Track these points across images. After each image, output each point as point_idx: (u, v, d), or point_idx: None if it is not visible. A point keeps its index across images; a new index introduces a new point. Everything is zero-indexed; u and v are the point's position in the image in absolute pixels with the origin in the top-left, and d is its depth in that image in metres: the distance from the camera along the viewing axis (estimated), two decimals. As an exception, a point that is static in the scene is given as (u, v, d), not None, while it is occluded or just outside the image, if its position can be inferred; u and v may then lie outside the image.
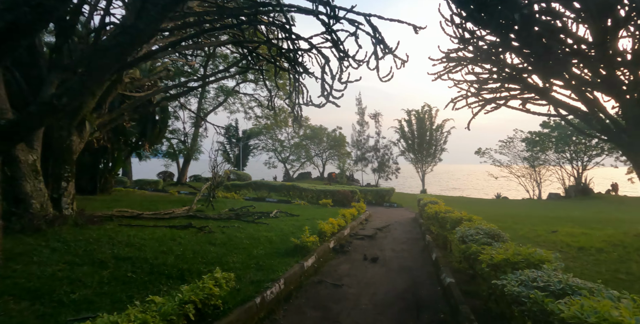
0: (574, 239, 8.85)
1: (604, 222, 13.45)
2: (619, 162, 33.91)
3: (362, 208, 13.71)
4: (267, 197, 19.40)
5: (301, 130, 47.25)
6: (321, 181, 43.29)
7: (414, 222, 12.87)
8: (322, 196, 17.93)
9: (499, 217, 13.76)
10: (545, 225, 11.87)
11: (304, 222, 10.53)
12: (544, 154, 33.38)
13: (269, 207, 14.18)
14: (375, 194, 19.91)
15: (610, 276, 5.99)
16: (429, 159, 36.09)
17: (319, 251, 6.92)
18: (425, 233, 9.58)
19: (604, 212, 18.65)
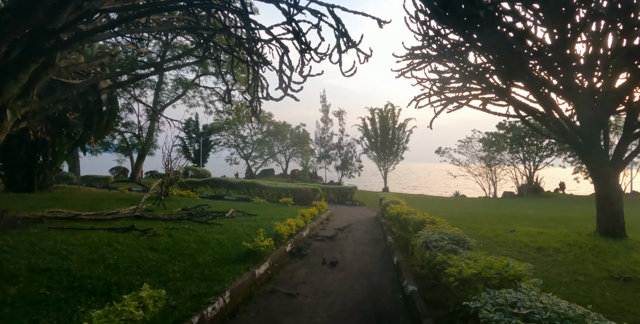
0: (532, 239, 8.87)
1: (556, 220, 13.84)
2: (566, 162, 35.82)
3: (324, 207, 13.29)
4: (225, 195, 18.55)
5: (264, 126, 46.29)
6: (284, 178, 42.63)
7: (376, 221, 12.61)
8: (283, 194, 17.35)
9: (459, 216, 13.83)
10: (503, 224, 11.99)
11: (262, 222, 9.94)
12: (500, 154, 34.61)
13: (226, 206, 13.42)
14: (337, 193, 19.60)
15: (570, 279, 5.90)
16: (391, 158, 36.39)
17: (273, 255, 6.37)
18: (386, 234, 9.28)
19: (555, 211, 19.40)
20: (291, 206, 14.78)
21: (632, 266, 6.66)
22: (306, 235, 9.10)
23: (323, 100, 41.05)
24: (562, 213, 17.67)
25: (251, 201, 15.70)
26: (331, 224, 11.39)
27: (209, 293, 4.22)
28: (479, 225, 11.35)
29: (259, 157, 46.83)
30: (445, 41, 10.17)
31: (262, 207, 13.74)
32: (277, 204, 14.93)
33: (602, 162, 9.31)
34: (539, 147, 33.86)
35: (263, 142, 46.03)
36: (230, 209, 11.95)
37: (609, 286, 5.60)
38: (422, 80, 11.33)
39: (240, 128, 45.77)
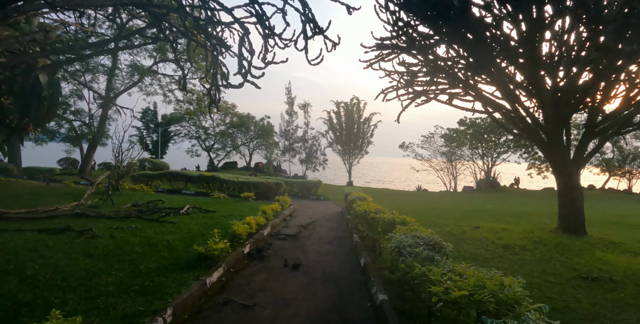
0: (497, 236, 8.75)
1: (515, 216, 14.06)
2: (521, 159, 37.28)
3: (287, 202, 12.69)
4: (183, 189, 17.48)
5: (227, 117, 44.71)
6: (247, 171, 41.46)
7: (341, 217, 12.18)
8: (245, 188, 16.55)
9: (424, 211, 13.70)
10: (467, 220, 11.94)
11: (219, 220, 9.20)
12: (460, 150, 35.41)
13: (183, 201, 12.50)
14: (301, 187, 19.04)
15: (541, 279, 5.70)
16: (356, 152, 36.28)
17: (229, 259, 5.71)
18: (352, 231, 8.84)
19: (512, 205, 19.94)
20: (253, 201, 14.06)
21: (596, 265, 6.61)
22: (267, 234, 8.47)
23: (288, 92, 40.18)
24: (520, 208, 18.14)
25: (211, 195, 14.81)
26: (295, 221, 10.81)
27: (146, 312, 3.52)
28: (445, 221, 11.21)
29: (221, 150, 45.11)
30: (415, 33, 9.78)
31: (222, 202, 12.93)
32: (238, 199, 14.16)
33: (565, 159, 9.35)
34: (496, 143, 34.95)
35: (226, 134, 44.37)
36: (186, 205, 11.07)
37: (579, 287, 5.44)
38: (390, 72, 10.93)
39: (202, 119, 43.93)
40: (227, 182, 16.73)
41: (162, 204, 11.54)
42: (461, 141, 35.44)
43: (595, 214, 15.21)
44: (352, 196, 10.51)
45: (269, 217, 9.72)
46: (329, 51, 8.97)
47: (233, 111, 44.76)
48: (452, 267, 2.86)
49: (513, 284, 2.25)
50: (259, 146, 45.52)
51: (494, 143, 34.93)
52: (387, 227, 5.47)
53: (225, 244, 5.84)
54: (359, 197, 10.13)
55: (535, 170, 38.17)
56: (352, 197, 10.37)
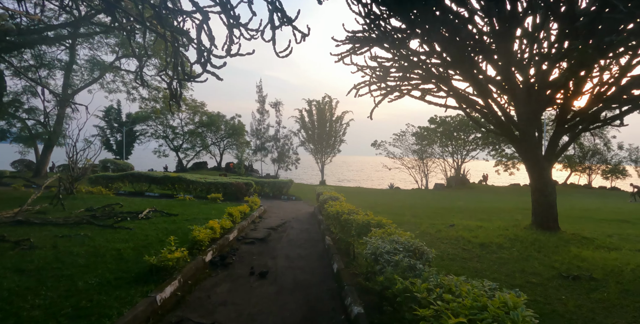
0: (473, 234, 8.52)
1: (487, 212, 14.05)
2: (489, 156, 38.11)
3: (256, 203, 12.06)
4: (147, 192, 16.47)
5: (196, 116, 43.31)
6: (218, 171, 40.27)
7: (313, 218, 11.69)
8: (213, 189, 15.76)
9: (398, 210, 13.43)
10: (441, 218, 11.74)
11: (182, 224, 8.49)
12: (431, 148, 35.78)
13: (144, 204, 11.63)
14: (273, 187, 18.41)
15: (523, 280, 5.42)
16: (328, 150, 35.92)
17: (187, 270, 5.09)
18: (325, 233, 8.36)
19: (483, 202, 20.13)
20: (221, 202, 13.32)
21: (574, 262, 6.43)
22: (234, 238, 7.86)
23: (259, 90, 39.26)
24: (490, 204, 18.29)
25: (176, 197, 13.95)
26: (264, 223, 10.22)
27: (74, 343, 2.89)
28: (419, 220, 10.95)
29: (190, 150, 43.58)
30: (388, 26, 9.41)
31: (187, 204, 12.13)
32: (205, 201, 13.38)
33: (537, 155, 9.26)
34: (465, 141, 35.55)
35: (195, 134, 42.90)
36: (146, 208, 10.25)
37: (561, 287, 5.19)
38: (362, 67, 10.53)
39: (170, 118, 42.32)
40: (194, 183, 15.88)
41: (119, 208, 10.67)
42: (432, 139, 35.80)
43: (562, 209, 15.44)
44: (324, 196, 10.03)
45: (236, 220, 9.09)
46: (298, 43, 8.46)
47: (202, 109, 43.37)
48: (440, 280, 2.42)
49: (520, 306, 1.83)
50: (230, 145, 44.36)
51: (463, 141, 35.51)
52: (361, 230, 5.01)
53: (182, 252, 5.22)
54: (331, 197, 9.66)
55: (502, 167, 39.13)
56: (324, 197, 9.89)
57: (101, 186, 15.48)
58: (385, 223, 4.94)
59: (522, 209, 15.36)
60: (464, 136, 35.37)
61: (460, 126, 34.40)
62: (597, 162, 37.48)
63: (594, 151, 36.50)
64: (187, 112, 42.68)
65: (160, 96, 31.80)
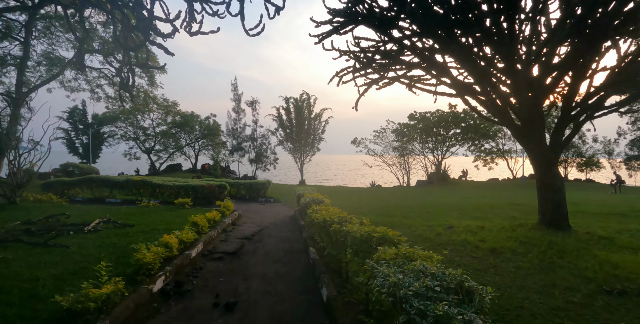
0: (477, 237, 7.35)
1: (480, 209, 13.02)
2: (468, 152, 37.68)
3: (229, 208, 10.56)
4: (108, 198, 14.64)
5: (169, 117, 41.05)
6: (193, 173, 38.20)
7: (293, 223, 10.31)
8: (183, 193, 14.12)
9: (386, 210, 12.20)
10: (434, 218, 10.58)
11: (135, 238, 6.94)
12: (411, 144, 34.97)
13: (99, 213, 9.95)
14: (249, 188, 16.86)
15: (562, 301, 4.23)
16: (307, 149, 34.54)
17: (121, 310, 3.62)
18: (307, 243, 7.00)
19: (468, 197, 19.23)
20: (189, 208, 11.74)
21: (607, 269, 5.31)
22: (198, 253, 6.38)
23: (234, 88, 37.47)
24: (478, 200, 17.38)
25: (138, 203, 12.24)
26: (238, 232, 8.74)
27: None
28: (411, 221, 9.74)
29: (163, 151, 41.20)
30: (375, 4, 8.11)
31: (149, 212, 10.51)
32: (171, 207, 11.76)
33: (542, 146, 8.21)
34: (445, 137, 34.91)
35: (168, 134, 40.56)
36: (97, 218, 8.61)
37: (611, 307, 4.03)
38: (345, 52, 9.22)
39: (140, 118, 39.89)
40: (161, 187, 14.19)
41: (65, 218, 8.97)
42: (412, 136, 34.98)
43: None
44: (305, 199, 8.60)
45: (203, 230, 7.60)
46: (271, 18, 7.09)
47: (175, 109, 41.12)
48: None
49: None
50: (206, 146, 42.28)
51: (443, 137, 34.87)
52: (360, 246, 3.67)
53: (117, 284, 3.75)
54: (313, 199, 8.23)
55: (481, 162, 38.80)
56: (306, 199, 8.46)
57: (55, 193, 13.57)
58: (393, 237, 3.61)
59: (512, 205, 14.46)
60: (444, 131, 34.73)
61: (440, 122, 33.72)
62: (572, 155, 37.62)
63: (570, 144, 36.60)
64: (158, 112, 40.37)
65: (127, 95, 29.57)
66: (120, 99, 29.64)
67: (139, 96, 29.75)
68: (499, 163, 38.44)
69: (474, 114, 33.72)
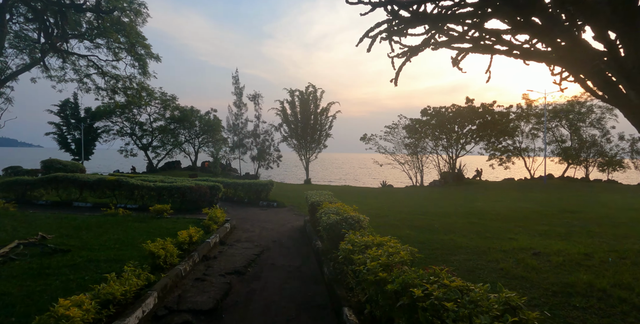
0: (596, 274, 4.52)
1: (535, 219, 10.17)
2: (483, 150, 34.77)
3: (218, 219, 7.70)
4: (77, 201, 11.83)
5: (167, 111, 38.28)
6: (192, 171, 35.43)
7: (304, 239, 7.48)
8: (166, 195, 11.32)
9: (420, 221, 9.27)
10: (493, 234, 7.70)
11: (49, 282, 4.12)
12: (423, 142, 32.07)
13: (45, 225, 7.16)
14: (248, 190, 13.99)
15: None
16: (313, 146, 31.64)
17: None
18: (335, 290, 4.12)
19: (500, 201, 16.34)
20: (168, 216, 8.91)
21: None
22: (149, 311, 3.53)
23: (236, 81, 34.56)
24: (516, 205, 14.50)
25: (105, 210, 9.38)
26: (225, 259, 5.88)
27: None
28: (468, 241, 6.89)
29: (161, 148, 38.45)
30: None
31: (111, 224, 7.69)
32: (146, 216, 8.92)
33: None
34: (459, 134, 32.00)
35: (166, 130, 37.83)
36: (25, 237, 5.80)
37: None
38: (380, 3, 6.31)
39: (137, 113, 37.17)
40: (140, 188, 11.36)
41: (-21, 236, 6.16)
42: (424, 132, 32.03)
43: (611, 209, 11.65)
44: (327, 213, 5.56)
45: (173, 260, 4.75)
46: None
47: (174, 103, 38.35)
48: None
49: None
50: (206, 142, 39.51)
51: (457, 134, 31.94)
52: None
53: None
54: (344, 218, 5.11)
55: (496, 161, 35.90)
56: (328, 215, 5.45)
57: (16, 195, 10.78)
58: None
59: (568, 213, 11.59)
60: (459, 128, 31.79)
61: (455, 118, 30.78)
62: (594, 155, 34.61)
63: (592, 142, 33.62)
64: (155, 106, 37.58)
65: (119, 85, 26.72)
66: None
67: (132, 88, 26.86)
68: (515, 162, 35.49)
69: (491, 109, 30.82)
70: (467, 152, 33.08)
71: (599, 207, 13.40)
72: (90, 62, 25.16)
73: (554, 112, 32.11)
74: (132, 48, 23.02)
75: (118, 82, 26.55)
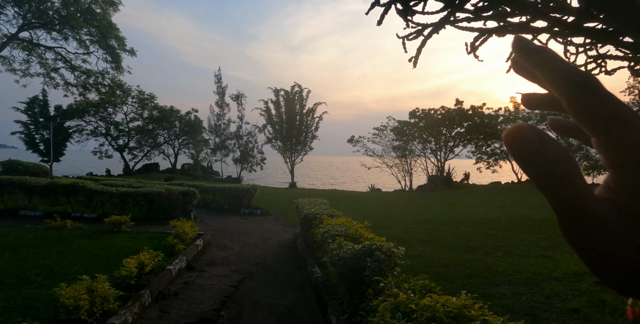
0: None
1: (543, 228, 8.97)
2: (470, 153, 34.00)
3: (187, 235, 6.08)
4: (24, 209, 9.96)
5: (145, 111, 36.07)
6: (171, 173, 33.33)
7: (295, 259, 5.97)
8: (131, 203, 9.59)
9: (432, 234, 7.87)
10: (510, 245, 6.40)
11: None
12: (412, 144, 31.00)
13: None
14: (229, 195, 12.34)
15: None
16: (298, 148, 30.09)
17: None
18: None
19: (500, 207, 15.23)
20: (128, 230, 7.23)
21: None
22: None
23: (218, 80, 32.79)
24: (521, 212, 13.36)
25: (50, 222, 7.61)
26: (187, 300, 4.28)
27: None
28: (494, 259, 5.53)
29: (138, 149, 36.13)
30: None
31: (52, 241, 6.00)
32: (100, 228, 7.21)
33: None
34: (447, 137, 31.08)
35: (144, 131, 35.59)
36: None
37: None
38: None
39: (112, 112, 34.83)
40: (100, 194, 9.60)
41: None
42: (412, 135, 30.96)
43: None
44: (325, 228, 4.13)
45: (106, 308, 3.17)
46: None
47: (153, 102, 36.16)
48: None
49: None
50: (186, 144, 37.40)
51: (445, 137, 31.00)
52: None
53: None
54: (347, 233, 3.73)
55: (484, 164, 35.22)
56: (328, 229, 4.03)
57: None
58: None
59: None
60: (447, 131, 30.86)
61: (444, 120, 29.83)
62: (580, 159, 34.30)
63: (577, 146, 33.28)
64: (132, 105, 35.32)
65: (91, 81, 24.57)
66: (82, 87, 24.82)
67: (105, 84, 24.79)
68: (502, 166, 34.90)
69: (481, 111, 30.05)
70: (456, 155, 32.21)
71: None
72: (58, 55, 23.01)
73: (542, 116, 31.62)
74: (104, 39, 20.98)
75: (90, 77, 24.42)
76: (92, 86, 24.60)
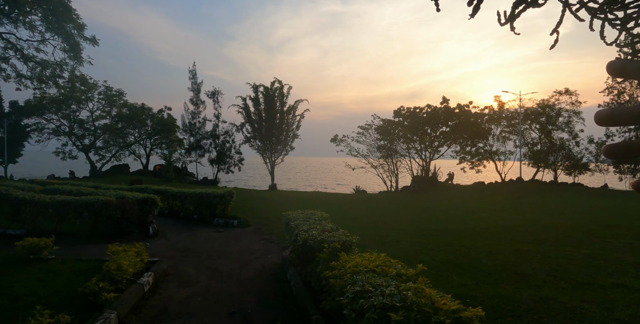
0: None
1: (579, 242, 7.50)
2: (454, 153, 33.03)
3: (124, 273, 4.11)
4: None
5: (114, 109, 33.16)
6: (142, 175, 30.59)
7: (286, 301, 4.14)
8: (71, 214, 7.45)
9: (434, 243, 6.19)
10: (561, 268, 4.80)
11: None
12: (397, 144, 29.60)
13: None
14: (199, 202, 10.27)
15: None
16: (279, 148, 28.09)
17: None
18: None
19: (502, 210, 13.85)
20: (51, 257, 5.15)
21: None
22: None
23: (193, 76, 30.34)
24: (526, 217, 11.97)
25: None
26: None
27: None
28: (564, 296, 3.90)
29: (105, 149, 33.12)
30: None
31: None
32: (9, 253, 5.11)
33: None
34: (433, 136, 29.88)
35: (112, 129, 32.66)
36: None
37: None
38: None
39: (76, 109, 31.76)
40: (29, 204, 7.41)
41: None
42: (396, 134, 29.55)
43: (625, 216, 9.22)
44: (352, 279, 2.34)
45: None
46: None
47: (122, 100, 33.27)
48: None
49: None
50: (159, 143, 34.69)
51: (430, 136, 29.78)
52: None
53: None
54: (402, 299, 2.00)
55: (468, 164, 34.30)
56: (363, 286, 2.25)
57: None
58: None
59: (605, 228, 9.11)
60: (431, 130, 29.63)
61: (429, 119, 28.58)
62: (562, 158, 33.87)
63: (560, 145, 32.83)
64: (99, 102, 32.35)
65: (48, 74, 21.73)
66: (38, 80, 21.91)
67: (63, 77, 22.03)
68: (486, 166, 34.07)
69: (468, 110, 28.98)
70: (441, 155, 31.06)
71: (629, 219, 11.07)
72: (8, 42, 20.13)
73: (526, 115, 30.97)
74: (59, 24, 18.26)
75: (46, 69, 21.56)
76: (49, 79, 21.76)
